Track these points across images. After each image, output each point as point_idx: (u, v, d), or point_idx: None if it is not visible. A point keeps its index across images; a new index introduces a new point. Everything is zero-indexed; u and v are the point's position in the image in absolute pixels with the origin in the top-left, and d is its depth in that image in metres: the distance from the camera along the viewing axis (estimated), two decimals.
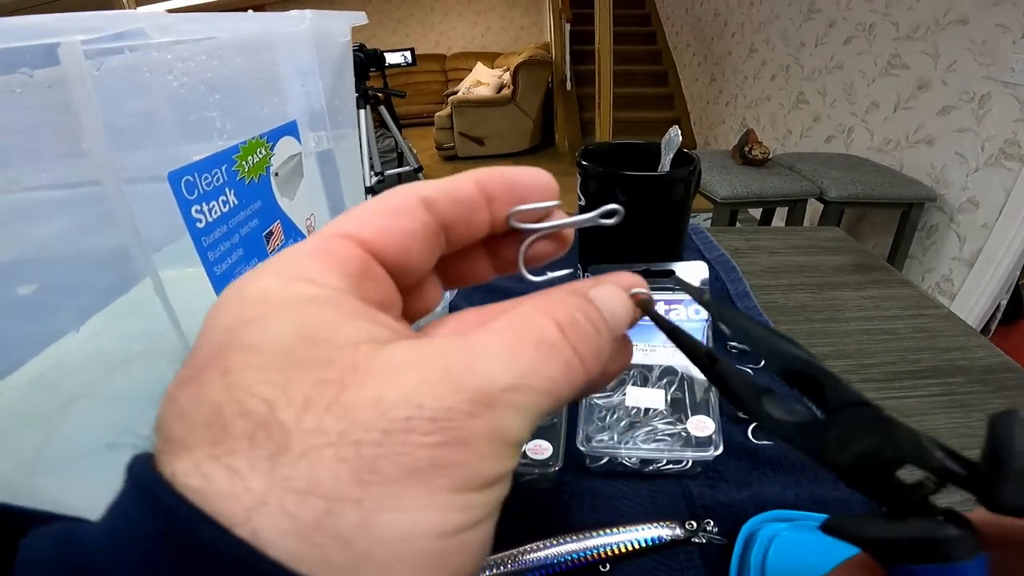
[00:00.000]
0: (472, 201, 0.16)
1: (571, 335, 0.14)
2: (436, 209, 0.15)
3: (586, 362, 0.14)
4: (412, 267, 0.15)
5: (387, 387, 0.11)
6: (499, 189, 0.16)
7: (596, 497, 0.40)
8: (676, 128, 0.54)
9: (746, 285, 0.61)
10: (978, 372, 0.53)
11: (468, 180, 0.16)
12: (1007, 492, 0.12)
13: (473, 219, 0.16)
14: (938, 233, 2.00)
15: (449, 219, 0.15)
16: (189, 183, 0.32)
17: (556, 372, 0.13)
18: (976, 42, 1.79)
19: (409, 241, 0.15)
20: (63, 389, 0.35)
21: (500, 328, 0.14)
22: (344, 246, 0.14)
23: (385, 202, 0.15)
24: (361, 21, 0.52)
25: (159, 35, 0.25)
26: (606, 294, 0.16)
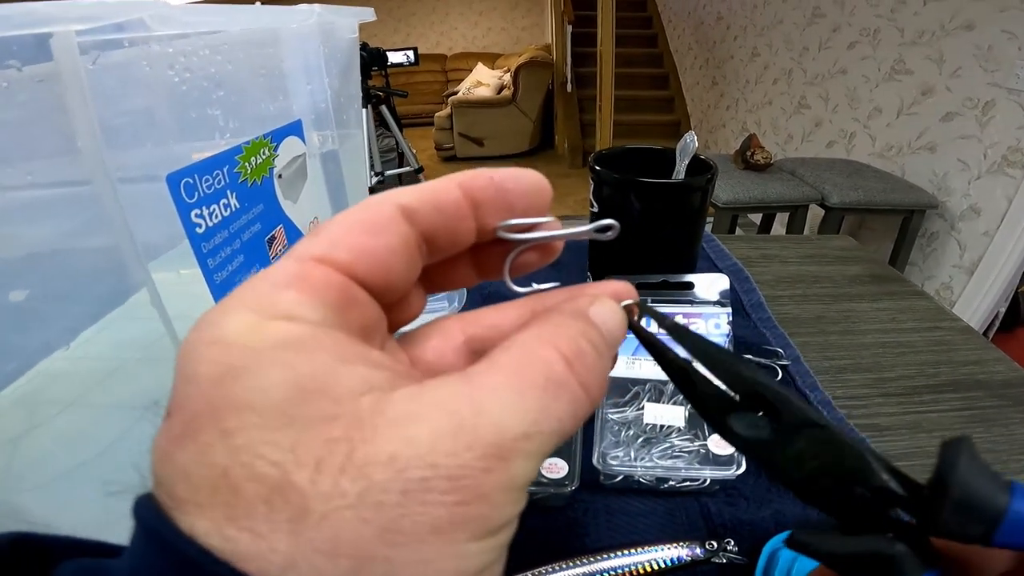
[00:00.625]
0: (457, 209, 0.15)
1: (578, 368, 0.13)
2: (416, 220, 0.14)
3: (592, 394, 0.14)
4: (394, 285, 0.14)
5: (399, 444, 0.11)
6: (486, 195, 0.15)
7: (612, 515, 0.38)
8: (692, 134, 0.52)
9: (760, 296, 0.60)
10: (997, 386, 0.52)
11: (452, 186, 0.15)
12: (945, 518, 0.12)
13: (457, 228, 0.15)
14: (939, 240, 2.00)
15: (431, 230, 0.14)
16: (189, 185, 0.30)
17: (564, 411, 0.13)
18: (982, 48, 1.78)
19: (390, 260, 0.14)
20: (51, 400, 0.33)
21: (505, 368, 0.13)
22: (321, 272, 0.13)
23: (360, 216, 0.14)
24: (369, 18, 0.50)
25: (161, 27, 0.23)
26: (606, 312, 0.15)
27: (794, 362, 0.51)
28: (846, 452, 0.14)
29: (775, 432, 0.15)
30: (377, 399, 0.12)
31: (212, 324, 0.12)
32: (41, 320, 0.29)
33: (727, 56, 3.46)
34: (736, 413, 0.15)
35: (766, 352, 0.51)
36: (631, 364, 0.41)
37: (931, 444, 0.45)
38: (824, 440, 0.14)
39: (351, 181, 0.54)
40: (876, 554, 0.13)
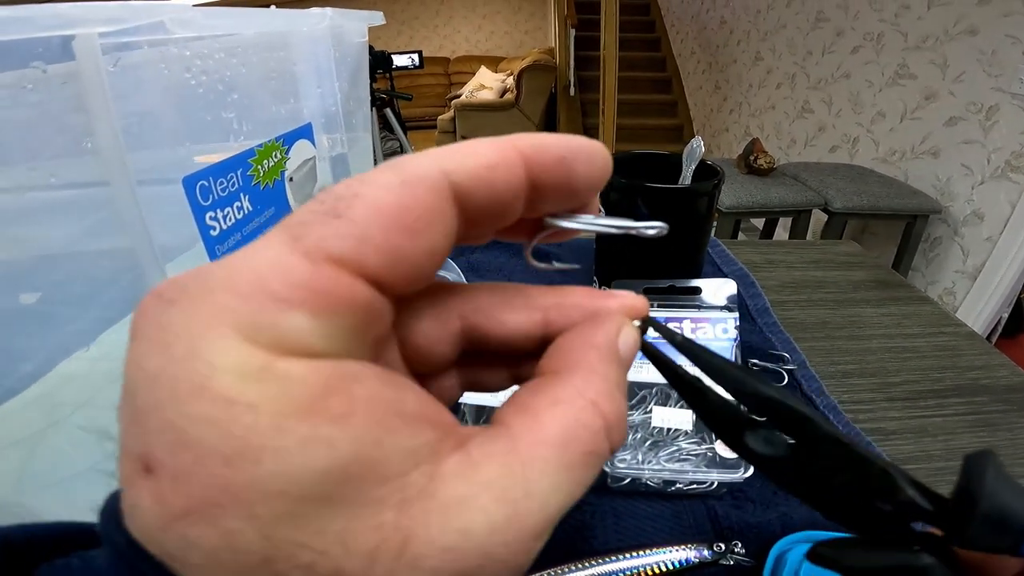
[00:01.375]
0: (516, 194, 0.12)
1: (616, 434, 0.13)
2: (466, 202, 0.11)
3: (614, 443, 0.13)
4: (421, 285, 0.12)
5: (454, 537, 0.10)
6: (552, 179, 0.12)
7: (619, 517, 0.38)
8: (699, 139, 0.53)
9: (766, 301, 0.60)
10: (1001, 391, 0.52)
11: (517, 161, 0.12)
12: (973, 531, 0.12)
13: (505, 214, 0.12)
14: (941, 246, 2.00)
15: (479, 214, 0.12)
16: (204, 188, 0.30)
17: (592, 478, 0.12)
18: (985, 53, 1.78)
19: (427, 265, 0.11)
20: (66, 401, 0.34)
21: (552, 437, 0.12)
22: (343, 285, 0.10)
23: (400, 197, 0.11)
24: (378, 21, 0.51)
25: (181, 29, 0.23)
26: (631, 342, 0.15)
27: (800, 367, 0.51)
28: (870, 468, 0.14)
29: (793, 449, 0.14)
30: (427, 476, 0.11)
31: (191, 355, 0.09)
32: (59, 322, 0.29)
33: (730, 60, 3.47)
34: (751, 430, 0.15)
35: (772, 357, 0.51)
36: (639, 368, 0.41)
37: (936, 448, 0.45)
38: (846, 456, 0.14)
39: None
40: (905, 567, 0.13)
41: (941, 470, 0.43)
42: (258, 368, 0.09)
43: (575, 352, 0.14)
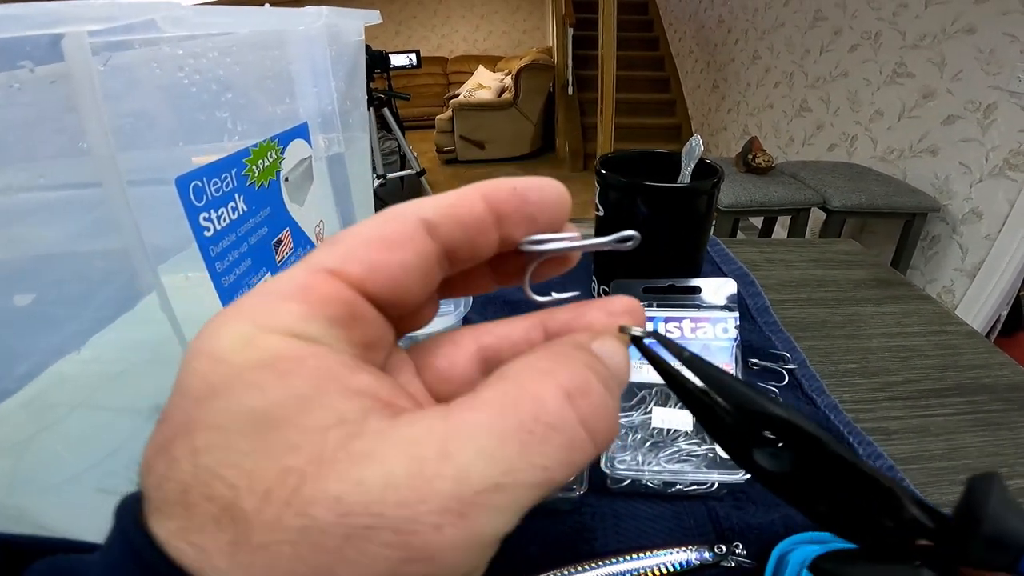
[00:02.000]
0: (480, 222, 0.14)
1: (582, 405, 0.12)
2: (439, 234, 0.14)
3: (599, 438, 0.12)
4: (407, 301, 0.14)
5: (348, 486, 0.10)
6: (509, 207, 0.14)
7: (620, 519, 0.38)
8: (698, 137, 0.52)
9: (766, 300, 0.60)
10: (1003, 390, 0.52)
11: (476, 198, 0.14)
12: (975, 549, 0.13)
13: (480, 241, 0.14)
14: (940, 244, 2.00)
15: (453, 243, 0.14)
16: (198, 188, 0.30)
17: (554, 458, 0.11)
18: (983, 51, 1.78)
19: (403, 276, 0.13)
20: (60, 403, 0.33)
21: (489, 404, 0.12)
22: (330, 285, 0.12)
23: (380, 229, 0.13)
24: (375, 20, 0.50)
25: (173, 28, 0.23)
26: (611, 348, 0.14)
27: (800, 366, 0.51)
28: (875, 487, 0.14)
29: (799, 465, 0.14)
30: (346, 433, 0.11)
31: (209, 335, 0.12)
32: (52, 324, 0.29)
33: (728, 59, 3.47)
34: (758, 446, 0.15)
35: (772, 356, 0.51)
36: (637, 368, 0.41)
37: (938, 447, 0.44)
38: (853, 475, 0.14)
39: (357, 184, 0.54)
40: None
41: (943, 470, 0.42)
42: (247, 338, 0.12)
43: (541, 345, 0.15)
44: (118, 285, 0.30)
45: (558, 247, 0.15)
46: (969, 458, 0.44)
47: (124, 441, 0.35)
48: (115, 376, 0.37)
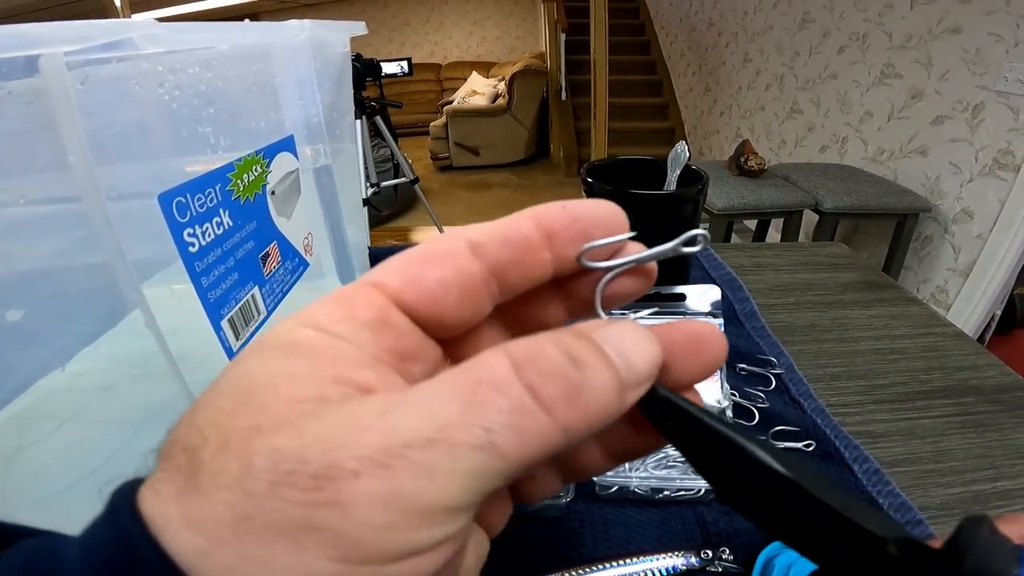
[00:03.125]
0: (526, 241, 0.14)
1: (528, 370, 0.11)
2: (484, 253, 0.14)
3: (556, 408, 0.11)
4: (447, 317, 0.14)
5: (289, 438, 0.11)
6: (559, 224, 0.14)
7: (608, 525, 0.38)
8: (683, 144, 0.53)
9: (753, 305, 0.60)
10: (990, 391, 0.52)
11: (524, 218, 0.14)
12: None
13: (529, 261, 0.14)
14: (932, 244, 2.01)
15: (500, 263, 0.14)
16: (181, 204, 0.30)
17: (495, 421, 0.11)
18: (969, 51, 1.80)
19: (441, 290, 0.14)
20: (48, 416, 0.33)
21: (445, 375, 0.12)
22: (366, 293, 0.14)
23: (426, 248, 0.14)
24: (360, 31, 0.51)
25: (149, 45, 0.23)
26: (620, 331, 0.13)
27: (788, 371, 0.51)
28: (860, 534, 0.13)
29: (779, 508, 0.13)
30: (317, 406, 0.11)
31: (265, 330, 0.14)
32: (37, 340, 0.29)
33: (719, 62, 3.49)
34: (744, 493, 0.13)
35: (760, 362, 0.51)
36: None
37: (924, 450, 0.45)
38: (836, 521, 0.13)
39: (345, 195, 0.54)
40: None
41: (930, 472, 0.43)
42: (287, 328, 0.13)
43: None
44: (104, 300, 0.30)
45: (620, 261, 0.15)
46: (956, 460, 0.44)
47: (114, 453, 0.35)
48: (105, 389, 0.37)
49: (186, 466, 0.11)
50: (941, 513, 0.39)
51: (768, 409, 0.46)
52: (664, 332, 0.15)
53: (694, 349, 0.15)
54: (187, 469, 0.11)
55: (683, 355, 0.14)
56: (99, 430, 0.36)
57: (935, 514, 0.39)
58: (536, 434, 0.11)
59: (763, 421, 0.45)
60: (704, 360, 0.15)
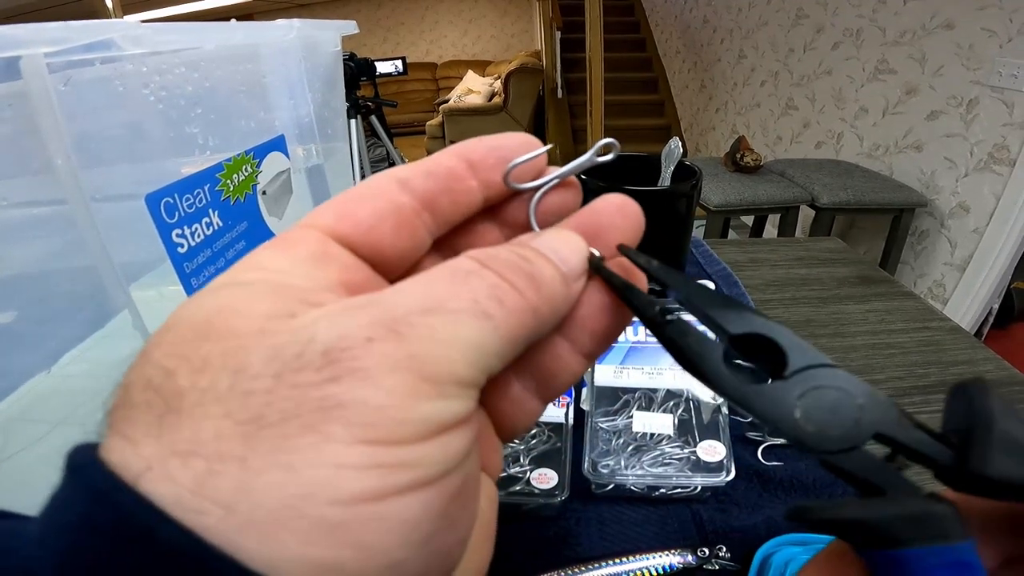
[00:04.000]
0: (450, 171, 0.15)
1: (492, 263, 0.13)
2: (411, 186, 0.15)
3: (519, 286, 0.13)
4: (384, 247, 0.14)
5: (283, 336, 0.10)
6: (478, 154, 0.16)
7: (604, 524, 0.38)
8: (676, 140, 0.52)
9: (749, 300, 0.60)
10: None
11: (446, 152, 0.16)
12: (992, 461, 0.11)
13: (456, 188, 0.15)
14: (929, 238, 2.01)
15: (428, 194, 0.15)
16: (169, 205, 0.30)
17: (479, 293, 0.12)
18: (963, 47, 1.80)
19: (370, 221, 0.14)
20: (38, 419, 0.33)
21: (420, 275, 0.12)
22: (302, 233, 0.14)
23: (357, 189, 0.15)
24: (351, 31, 0.50)
25: (131, 46, 0.23)
26: (550, 236, 0.15)
27: None
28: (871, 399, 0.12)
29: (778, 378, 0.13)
30: (291, 316, 0.11)
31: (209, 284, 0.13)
32: (25, 342, 0.29)
33: (714, 59, 3.49)
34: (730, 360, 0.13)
35: None
36: (619, 373, 0.41)
37: None
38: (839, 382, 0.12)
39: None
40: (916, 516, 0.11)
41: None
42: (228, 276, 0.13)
43: None
44: (92, 302, 0.30)
45: (544, 179, 0.16)
46: None
47: None
48: (96, 392, 0.36)
49: (156, 400, 0.10)
50: None
51: None
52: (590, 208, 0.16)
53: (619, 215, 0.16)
54: (159, 402, 0.10)
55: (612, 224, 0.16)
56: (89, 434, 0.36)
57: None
58: (516, 308, 0.12)
59: None
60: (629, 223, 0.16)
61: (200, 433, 0.09)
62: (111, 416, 0.11)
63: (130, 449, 0.10)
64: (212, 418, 0.10)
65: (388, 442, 0.10)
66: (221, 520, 0.09)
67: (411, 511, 0.10)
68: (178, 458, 0.09)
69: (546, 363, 0.15)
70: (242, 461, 0.09)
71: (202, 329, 0.11)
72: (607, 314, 0.16)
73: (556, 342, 0.15)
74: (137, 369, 0.11)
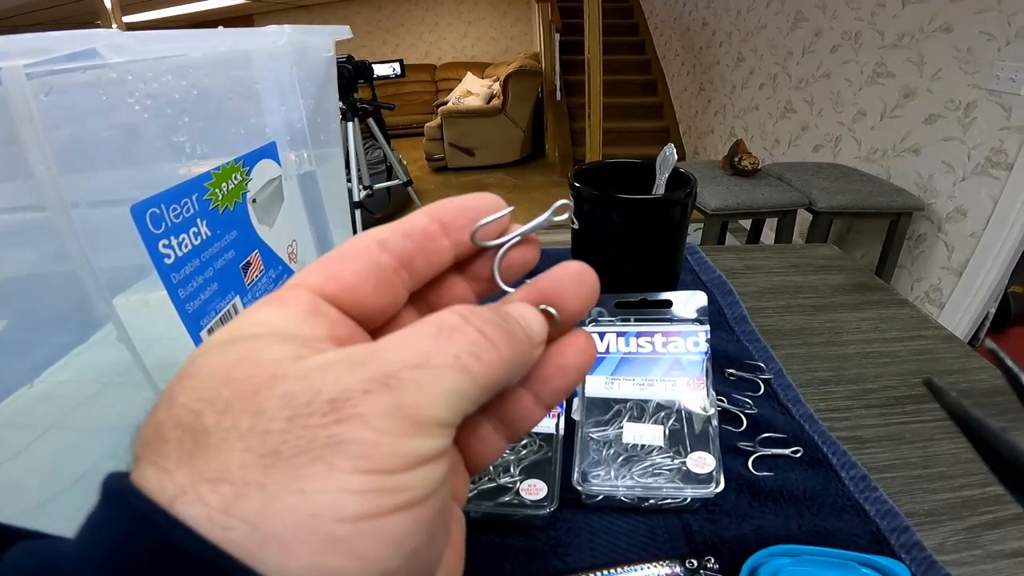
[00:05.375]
0: (424, 232, 0.17)
1: (473, 320, 0.15)
2: (390, 246, 0.16)
3: (495, 342, 0.14)
4: (367, 304, 0.16)
5: (295, 383, 0.12)
6: (449, 215, 0.17)
7: (594, 534, 0.38)
8: (671, 146, 0.52)
9: (743, 309, 0.60)
10: (981, 395, 0.52)
11: (420, 214, 0.17)
12: None
13: (430, 248, 0.17)
14: (926, 242, 2.01)
15: (406, 253, 0.17)
16: (155, 216, 0.29)
17: (461, 349, 0.14)
18: (961, 50, 1.80)
19: (354, 282, 0.16)
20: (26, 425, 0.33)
21: (410, 327, 0.14)
22: (293, 292, 0.15)
23: (341, 250, 0.16)
24: (345, 35, 0.50)
25: (115, 55, 0.22)
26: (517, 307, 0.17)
27: (776, 376, 0.50)
28: None
29: None
30: (297, 361, 0.13)
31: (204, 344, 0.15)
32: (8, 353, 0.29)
33: (713, 62, 3.49)
34: None
35: (749, 367, 0.51)
36: (610, 384, 0.41)
37: (913, 455, 0.44)
38: None
39: (331, 201, 0.53)
40: None
41: (918, 478, 0.42)
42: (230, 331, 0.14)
43: None
44: (76, 312, 0.30)
45: (507, 237, 0.18)
46: (944, 465, 0.44)
47: (95, 463, 0.34)
48: (84, 400, 0.36)
49: (187, 437, 0.12)
50: (928, 519, 0.39)
51: (756, 415, 0.45)
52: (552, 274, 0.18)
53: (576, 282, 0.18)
54: (189, 439, 0.12)
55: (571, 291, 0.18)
56: (79, 440, 0.36)
57: (922, 520, 0.39)
58: (491, 362, 0.14)
59: (751, 427, 0.45)
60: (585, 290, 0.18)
61: (227, 464, 0.11)
62: (142, 449, 0.12)
63: (165, 477, 0.12)
64: (236, 451, 0.12)
65: (381, 471, 0.12)
66: (246, 535, 0.11)
67: (402, 527, 0.12)
68: (208, 484, 0.11)
69: (513, 410, 0.18)
70: (263, 487, 0.11)
71: (222, 378, 0.13)
72: (563, 375, 0.18)
73: (521, 393, 0.18)
74: (164, 410, 0.13)
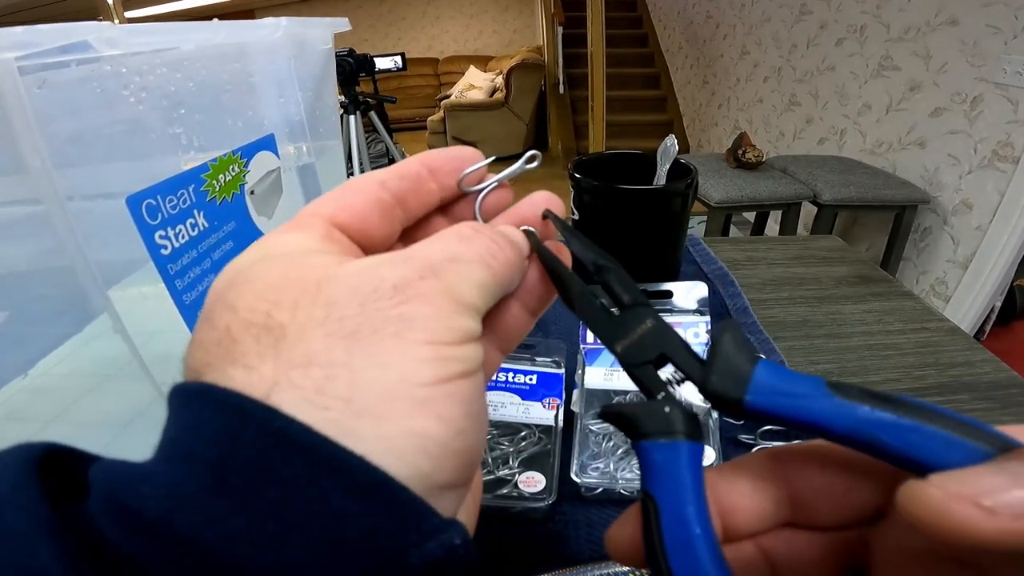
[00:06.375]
0: (417, 175, 0.20)
1: (483, 230, 0.17)
2: (388, 186, 0.19)
3: (503, 247, 0.17)
4: (372, 232, 0.18)
5: (355, 279, 0.14)
6: (438, 162, 0.20)
7: (592, 527, 0.38)
8: (672, 137, 0.52)
9: (745, 300, 0.59)
10: (984, 388, 0.51)
11: (412, 160, 0.20)
12: (711, 381, 0.15)
13: (421, 189, 0.20)
14: (932, 236, 2.00)
15: (401, 192, 0.19)
16: (151, 207, 0.29)
17: (483, 250, 0.16)
18: (967, 43, 1.78)
19: (364, 211, 0.18)
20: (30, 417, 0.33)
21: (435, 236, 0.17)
22: (309, 220, 0.17)
23: (347, 185, 0.18)
24: (343, 28, 0.50)
25: (108, 48, 0.22)
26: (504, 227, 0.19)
27: None
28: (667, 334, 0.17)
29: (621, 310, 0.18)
30: (340, 263, 0.15)
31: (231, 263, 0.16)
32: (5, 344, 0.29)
33: (717, 55, 3.47)
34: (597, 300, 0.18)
35: None
36: (609, 376, 0.41)
37: None
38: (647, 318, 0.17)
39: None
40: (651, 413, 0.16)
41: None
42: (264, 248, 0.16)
43: None
44: (72, 304, 0.30)
45: (486, 183, 0.21)
46: None
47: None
48: (86, 391, 0.36)
49: (264, 334, 0.13)
50: None
51: None
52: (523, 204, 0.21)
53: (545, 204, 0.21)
54: (266, 335, 0.13)
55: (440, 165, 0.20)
56: (80, 433, 0.36)
57: None
58: (503, 261, 0.17)
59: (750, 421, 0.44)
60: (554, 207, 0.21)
61: (312, 350, 0.13)
62: (210, 356, 0.13)
63: (250, 373, 0.13)
64: (318, 338, 0.13)
65: (442, 343, 0.14)
66: (343, 412, 0.12)
67: (467, 390, 0.14)
68: (299, 370, 0.12)
69: (505, 320, 0.20)
70: (349, 365, 0.13)
71: (280, 281, 0.14)
72: (544, 281, 0.20)
73: (511, 303, 0.20)
74: (227, 315, 0.14)
